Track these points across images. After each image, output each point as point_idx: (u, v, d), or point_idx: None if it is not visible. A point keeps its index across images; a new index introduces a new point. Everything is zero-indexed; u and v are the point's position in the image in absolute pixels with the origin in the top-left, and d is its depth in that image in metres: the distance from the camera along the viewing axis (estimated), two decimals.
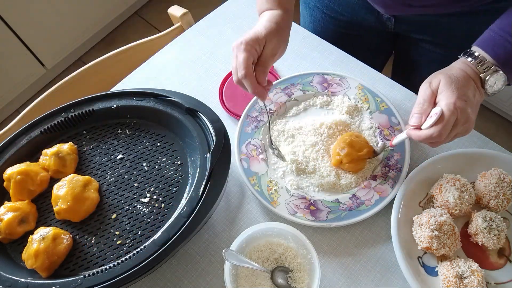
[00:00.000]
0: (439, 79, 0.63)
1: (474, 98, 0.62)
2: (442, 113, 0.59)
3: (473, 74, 0.63)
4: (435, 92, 0.63)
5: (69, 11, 1.97)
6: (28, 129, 0.78)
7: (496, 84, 0.63)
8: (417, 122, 0.63)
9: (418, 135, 0.62)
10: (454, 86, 0.60)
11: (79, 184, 0.70)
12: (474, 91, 0.62)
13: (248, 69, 0.66)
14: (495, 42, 0.62)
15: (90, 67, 0.99)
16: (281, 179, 0.77)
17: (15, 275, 0.63)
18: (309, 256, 0.65)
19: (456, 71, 0.63)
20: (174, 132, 0.77)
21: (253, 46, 0.66)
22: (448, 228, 0.66)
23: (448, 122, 0.59)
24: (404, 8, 0.80)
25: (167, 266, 0.72)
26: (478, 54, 0.63)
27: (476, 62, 0.63)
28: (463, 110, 0.60)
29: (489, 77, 0.62)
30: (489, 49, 0.62)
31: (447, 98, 0.60)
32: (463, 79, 0.62)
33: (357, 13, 0.92)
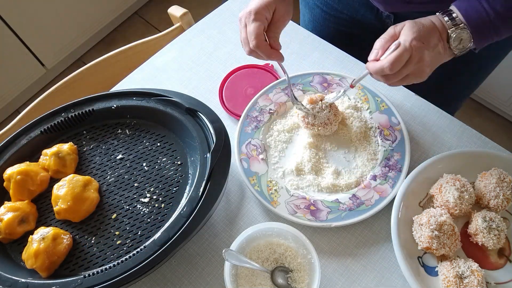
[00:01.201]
0: (405, 23, 0.64)
1: (435, 47, 0.63)
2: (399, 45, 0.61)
3: (441, 27, 0.64)
4: (397, 33, 0.64)
5: (69, 11, 1.97)
6: (28, 129, 0.78)
7: (462, 42, 0.64)
8: (374, 56, 0.65)
9: (373, 66, 0.64)
10: (415, 29, 0.62)
11: (79, 184, 0.70)
12: (437, 41, 0.63)
13: (259, 38, 0.66)
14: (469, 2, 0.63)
15: (90, 67, 0.99)
16: (281, 179, 0.77)
17: (15, 275, 0.63)
18: (309, 256, 0.65)
19: (425, 19, 0.64)
20: (174, 132, 0.77)
21: (263, 14, 0.66)
22: (448, 228, 0.66)
23: (401, 56, 0.60)
24: (404, 4, 0.80)
25: (167, 266, 0.72)
26: (452, 13, 0.64)
27: (449, 18, 0.64)
28: (418, 49, 0.61)
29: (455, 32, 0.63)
30: (462, 8, 0.63)
31: (406, 35, 0.61)
32: (429, 27, 0.63)
33: (357, 11, 0.92)
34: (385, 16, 0.88)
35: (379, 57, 0.64)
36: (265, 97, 0.84)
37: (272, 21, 0.69)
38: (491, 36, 0.64)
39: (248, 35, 0.67)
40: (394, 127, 0.80)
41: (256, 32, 0.66)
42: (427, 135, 0.82)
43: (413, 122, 0.83)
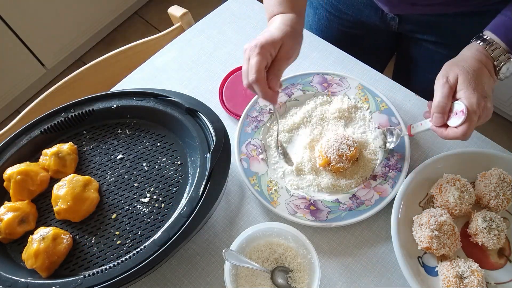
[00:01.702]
0: (456, 73, 0.62)
1: (490, 89, 0.63)
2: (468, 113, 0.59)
3: (486, 61, 0.63)
4: (453, 88, 0.63)
5: (69, 11, 1.97)
6: (28, 129, 0.78)
7: (508, 70, 0.63)
8: (440, 122, 0.63)
9: (445, 135, 0.63)
10: (473, 83, 0.61)
11: (79, 184, 0.70)
12: (488, 80, 0.63)
13: (259, 73, 0.64)
14: (508, 27, 0.62)
15: (90, 67, 0.99)
16: (281, 179, 0.77)
17: (15, 275, 0.63)
18: (309, 256, 0.65)
19: (471, 61, 0.63)
20: (174, 132, 0.77)
21: (268, 49, 0.65)
22: (448, 228, 0.66)
23: (473, 122, 0.60)
24: (409, 7, 0.80)
25: (167, 266, 0.72)
26: (491, 39, 0.63)
27: (489, 48, 0.62)
28: (485, 107, 0.61)
29: (503, 65, 0.62)
30: (502, 34, 0.62)
31: (470, 98, 0.60)
32: (479, 71, 0.62)
33: (362, 12, 0.92)
34: (390, 18, 0.88)
35: (446, 121, 0.63)
36: None
37: (276, 57, 0.67)
38: None
39: (249, 68, 0.65)
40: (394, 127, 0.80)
41: (257, 66, 0.64)
42: (427, 135, 0.82)
43: (413, 122, 0.83)
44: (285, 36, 0.67)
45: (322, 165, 0.76)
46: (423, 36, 0.89)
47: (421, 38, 0.90)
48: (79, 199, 0.68)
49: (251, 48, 0.65)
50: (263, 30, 0.70)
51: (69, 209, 0.68)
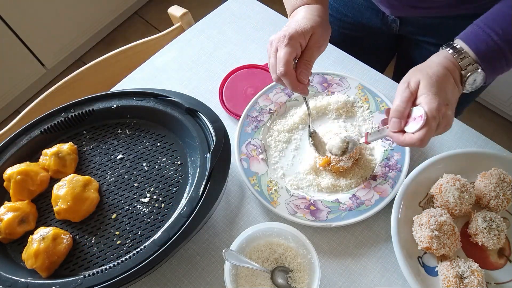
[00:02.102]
0: (418, 79, 0.60)
1: (453, 97, 0.60)
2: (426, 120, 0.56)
3: (453, 69, 0.61)
4: (414, 93, 0.60)
5: (69, 11, 1.97)
6: (28, 129, 0.78)
7: (475, 82, 0.61)
8: (397, 127, 0.60)
9: (402, 141, 0.59)
10: (435, 89, 0.58)
11: (79, 184, 0.70)
12: (453, 88, 0.60)
13: (288, 66, 0.62)
14: (478, 37, 0.60)
15: (90, 67, 0.99)
16: (281, 179, 0.77)
17: (15, 275, 0.63)
18: (309, 256, 0.65)
19: (437, 67, 0.60)
20: (174, 132, 0.77)
21: (297, 39, 0.62)
22: (448, 228, 0.66)
23: (431, 128, 0.57)
24: (410, 9, 0.80)
25: (167, 266, 0.72)
26: (461, 48, 0.61)
27: (458, 56, 0.61)
28: (445, 115, 0.58)
29: (470, 75, 0.60)
30: (471, 44, 0.60)
31: (430, 103, 0.57)
32: (443, 77, 0.59)
33: (363, 14, 0.92)
34: (391, 20, 0.88)
35: (402, 127, 0.59)
36: (265, 97, 0.84)
37: (307, 47, 0.64)
38: (502, 69, 0.62)
39: (278, 61, 0.62)
40: None
41: (286, 58, 0.62)
42: None
43: None
44: (315, 25, 0.64)
45: (322, 165, 0.76)
46: (424, 38, 0.89)
47: (422, 40, 0.90)
48: (79, 199, 0.68)
49: (279, 39, 0.63)
50: (286, 24, 0.67)
51: (69, 209, 0.68)
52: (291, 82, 0.63)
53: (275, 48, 0.63)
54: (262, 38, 0.98)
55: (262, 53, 0.95)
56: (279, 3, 0.70)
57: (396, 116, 0.60)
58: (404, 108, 0.59)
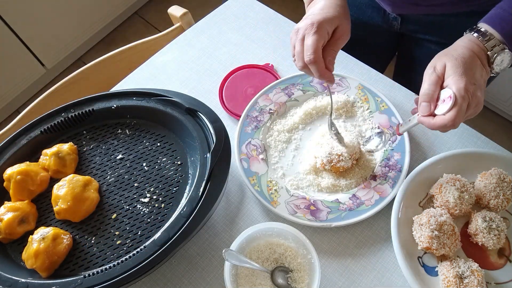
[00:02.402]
0: (444, 62, 0.60)
1: (481, 78, 0.60)
2: (455, 99, 0.56)
3: (479, 51, 0.60)
4: (441, 77, 0.60)
5: (69, 11, 1.97)
6: (28, 129, 0.78)
7: (503, 62, 0.61)
8: (426, 111, 0.60)
9: (433, 124, 0.59)
10: (461, 69, 0.58)
11: (79, 184, 0.70)
12: (481, 70, 0.60)
13: (317, 53, 0.62)
14: (503, 19, 0.60)
15: (90, 67, 0.99)
16: (281, 179, 0.77)
17: (15, 275, 0.63)
18: (309, 256, 0.65)
19: (462, 50, 0.60)
20: (174, 132, 0.77)
21: (325, 28, 0.62)
22: (448, 228, 0.66)
23: (461, 109, 0.57)
24: (411, 6, 0.79)
25: (167, 266, 0.72)
26: (485, 30, 0.61)
27: (483, 38, 0.60)
28: (474, 94, 0.58)
29: (496, 56, 0.60)
30: (497, 26, 0.60)
31: (457, 83, 0.57)
32: (470, 59, 0.59)
33: (364, 12, 0.91)
34: (392, 18, 0.88)
35: (433, 111, 0.59)
36: (265, 97, 0.84)
37: (332, 38, 0.65)
38: None
39: (305, 48, 0.62)
40: (394, 127, 0.80)
41: (315, 45, 0.61)
42: (427, 135, 0.82)
43: None
44: (340, 15, 0.65)
45: (322, 165, 0.76)
46: (425, 36, 0.89)
47: (423, 38, 0.90)
48: (79, 199, 0.68)
49: (306, 27, 0.62)
50: (306, 13, 0.67)
51: (69, 209, 0.68)
52: (320, 69, 0.63)
53: (302, 36, 0.63)
54: (262, 38, 0.98)
55: (262, 53, 0.95)
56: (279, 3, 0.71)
57: (425, 100, 0.60)
58: (433, 91, 0.59)
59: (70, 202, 0.68)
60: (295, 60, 0.66)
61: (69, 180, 0.70)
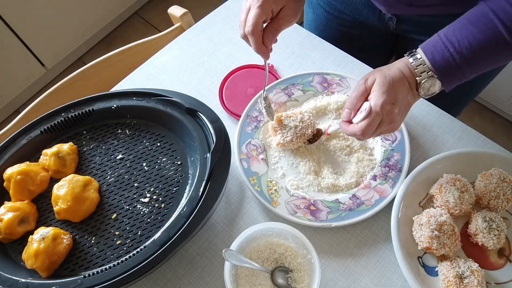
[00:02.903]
0: (375, 77, 0.64)
1: (404, 100, 0.64)
2: (370, 111, 0.61)
3: (409, 75, 0.64)
4: (368, 89, 0.65)
5: (69, 11, 1.97)
6: (28, 129, 0.78)
7: (431, 88, 0.64)
8: (346, 117, 0.66)
9: (346, 129, 0.66)
10: (385, 88, 0.62)
11: (79, 184, 0.70)
12: (406, 92, 0.64)
13: (256, 26, 0.65)
14: (436, 47, 0.62)
15: (90, 67, 0.99)
16: (281, 179, 0.77)
17: (15, 275, 0.63)
18: (309, 256, 0.65)
19: (394, 70, 0.64)
20: (174, 132, 0.77)
21: (269, 4, 0.66)
22: (448, 228, 0.66)
23: (373, 122, 0.62)
24: (406, 7, 0.80)
25: (167, 266, 0.72)
26: (420, 57, 0.64)
27: (416, 64, 0.64)
28: (390, 112, 0.62)
29: (424, 82, 0.63)
30: (428, 54, 0.63)
31: (376, 99, 0.62)
32: (398, 80, 0.63)
33: (360, 12, 0.92)
34: (388, 18, 0.88)
35: (351, 118, 0.65)
36: None
37: (277, 16, 0.68)
38: (459, 79, 0.64)
39: (247, 19, 0.66)
40: None
41: (255, 19, 0.65)
42: (427, 135, 0.82)
43: (413, 122, 0.83)
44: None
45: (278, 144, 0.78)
46: (420, 37, 0.89)
47: (418, 39, 0.90)
48: (79, 199, 0.68)
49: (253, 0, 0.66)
50: None
51: (69, 209, 0.68)
52: (256, 42, 0.67)
53: (248, 6, 0.67)
54: None
55: None
56: None
57: (347, 107, 0.66)
58: (356, 101, 0.65)
59: (70, 202, 0.68)
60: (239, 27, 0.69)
61: (69, 180, 0.70)
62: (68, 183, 0.70)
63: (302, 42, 0.96)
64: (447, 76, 0.63)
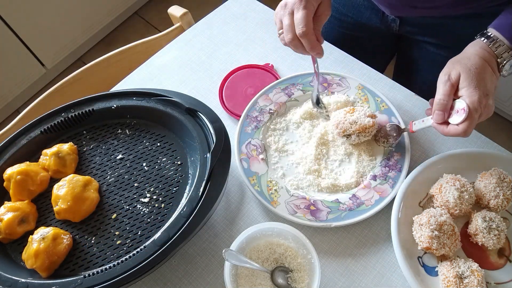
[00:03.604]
0: (458, 71, 0.63)
1: (492, 86, 0.63)
2: (469, 112, 0.60)
3: (489, 59, 0.63)
4: (455, 85, 0.63)
5: (69, 11, 1.97)
6: (28, 129, 0.78)
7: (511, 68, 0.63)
8: (441, 120, 0.64)
9: (446, 132, 0.64)
10: (475, 81, 0.61)
11: (79, 184, 0.70)
12: (491, 77, 0.63)
13: (308, 26, 0.65)
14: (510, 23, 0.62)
15: (90, 67, 0.99)
16: (281, 179, 0.77)
17: (15, 275, 0.63)
18: (309, 256, 0.65)
19: (474, 59, 0.63)
20: (174, 132, 0.77)
21: (312, 3, 0.66)
22: (448, 228, 0.66)
23: (474, 119, 0.61)
24: (409, 9, 0.80)
25: (167, 266, 0.72)
26: (495, 37, 0.63)
27: (493, 45, 0.62)
28: (486, 105, 0.61)
29: (506, 62, 0.63)
30: (505, 32, 0.62)
31: (471, 96, 0.61)
32: (482, 69, 0.62)
33: (362, 14, 0.92)
34: (391, 20, 0.88)
35: (446, 119, 0.63)
36: (265, 97, 0.84)
37: (317, 12, 0.68)
38: None
39: (296, 21, 0.65)
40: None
41: (306, 19, 0.65)
42: (427, 135, 0.82)
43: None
44: None
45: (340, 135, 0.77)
46: (424, 38, 0.89)
47: (422, 40, 0.90)
48: (79, 199, 0.68)
49: (295, 2, 0.66)
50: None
51: (69, 209, 0.68)
52: (312, 41, 0.66)
53: (290, 10, 0.66)
54: (262, 38, 0.98)
55: (262, 53, 0.95)
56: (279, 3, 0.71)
57: (440, 109, 0.63)
58: (447, 102, 0.63)
59: (70, 202, 0.68)
60: (283, 34, 0.68)
61: (69, 180, 0.70)
62: (68, 183, 0.70)
63: None
64: None
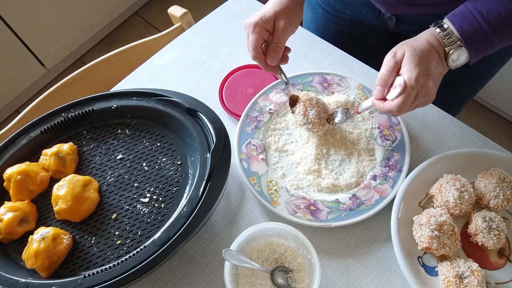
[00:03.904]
0: (404, 50, 0.63)
1: (436, 71, 0.63)
2: (405, 86, 0.60)
3: (438, 46, 0.64)
4: (399, 63, 0.64)
5: (69, 11, 1.97)
6: (28, 129, 0.78)
7: (459, 58, 0.64)
8: (379, 95, 0.65)
9: (382, 107, 0.65)
10: (417, 60, 0.61)
11: (79, 184, 0.70)
12: (437, 63, 0.63)
13: (256, 51, 0.71)
14: (464, 17, 0.63)
15: (90, 67, 0.99)
16: (281, 179, 0.77)
17: (15, 275, 0.63)
18: (309, 256, 0.65)
19: (422, 42, 0.64)
20: (174, 132, 0.77)
21: (263, 27, 0.70)
22: (448, 228, 0.66)
23: (409, 96, 0.61)
24: (405, 6, 0.80)
25: (167, 266, 0.72)
26: (447, 27, 0.64)
27: (444, 34, 0.63)
28: (424, 85, 0.61)
29: (453, 51, 0.63)
30: (456, 24, 0.63)
31: (410, 72, 0.61)
32: (428, 51, 0.63)
33: (359, 11, 0.92)
34: (387, 17, 0.88)
35: (385, 96, 0.64)
36: (265, 97, 0.84)
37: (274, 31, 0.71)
38: (486, 50, 0.64)
39: (248, 45, 0.71)
40: (394, 127, 0.80)
41: (254, 45, 0.71)
42: (427, 135, 0.82)
43: (413, 122, 0.84)
44: (279, 11, 0.71)
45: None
46: None
47: None
48: (79, 199, 0.68)
49: (249, 26, 0.71)
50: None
51: (69, 209, 0.68)
52: (261, 64, 0.73)
53: (247, 33, 0.72)
54: None
55: None
56: None
57: (380, 84, 0.65)
58: (388, 77, 0.64)
59: (70, 202, 0.68)
60: None
61: (69, 180, 0.70)
62: (68, 183, 0.70)
63: (302, 42, 0.96)
64: (475, 46, 0.63)
